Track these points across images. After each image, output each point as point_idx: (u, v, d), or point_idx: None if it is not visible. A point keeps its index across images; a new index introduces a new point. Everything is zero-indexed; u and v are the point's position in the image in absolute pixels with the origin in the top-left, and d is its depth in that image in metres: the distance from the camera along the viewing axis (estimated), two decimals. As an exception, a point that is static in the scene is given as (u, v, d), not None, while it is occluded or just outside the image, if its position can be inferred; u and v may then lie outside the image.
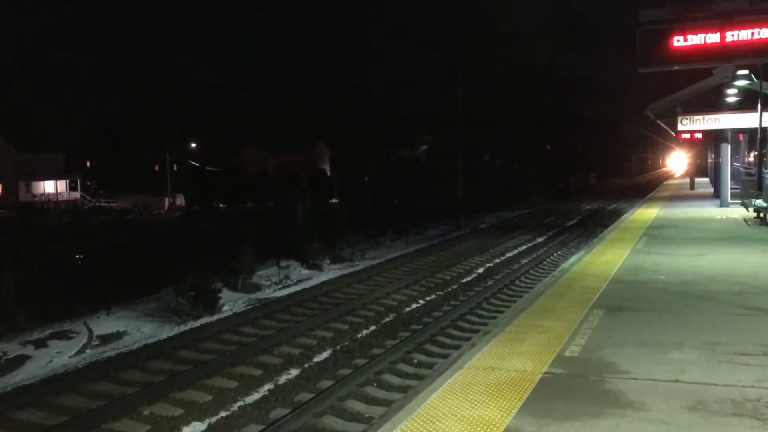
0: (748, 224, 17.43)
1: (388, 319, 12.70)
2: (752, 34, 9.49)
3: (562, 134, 66.45)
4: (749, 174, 24.33)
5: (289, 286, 16.76)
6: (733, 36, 9.54)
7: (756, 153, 23.30)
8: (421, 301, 14.22)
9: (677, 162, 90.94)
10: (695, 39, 9.66)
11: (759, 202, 17.60)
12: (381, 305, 13.70)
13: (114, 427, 7.78)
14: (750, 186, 21.45)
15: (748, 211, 19.23)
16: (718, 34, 9.61)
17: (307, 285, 16.57)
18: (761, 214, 17.23)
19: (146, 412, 8.19)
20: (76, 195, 65.12)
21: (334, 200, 51.25)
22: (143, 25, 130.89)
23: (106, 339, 12.13)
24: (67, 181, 65.75)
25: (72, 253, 20.98)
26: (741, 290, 8.95)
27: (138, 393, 8.67)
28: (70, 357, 11.13)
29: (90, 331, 12.42)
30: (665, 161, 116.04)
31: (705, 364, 5.83)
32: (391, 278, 16.67)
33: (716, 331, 6.89)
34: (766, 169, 21.81)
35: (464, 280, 16.53)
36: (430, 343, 10.73)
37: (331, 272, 18.63)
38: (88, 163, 73.81)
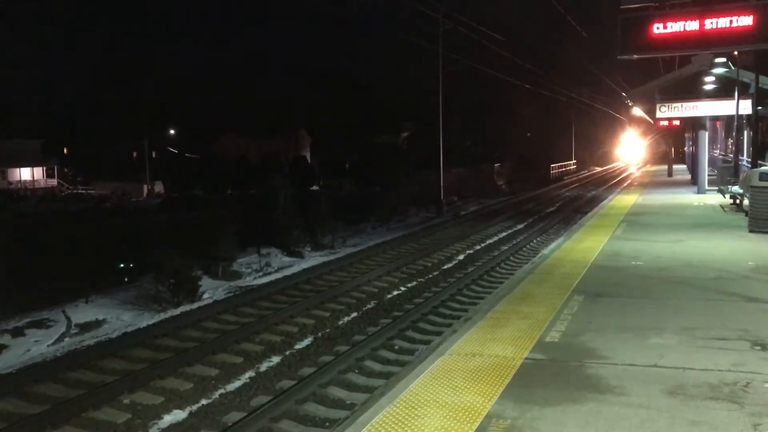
0: (724, 210, 17.65)
1: (369, 306, 12.71)
2: (730, 22, 9.55)
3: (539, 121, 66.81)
4: (726, 161, 24.63)
5: (270, 273, 16.70)
6: (711, 24, 9.60)
7: (732, 140, 23.59)
8: (403, 288, 14.25)
9: (631, 150, 77.72)
10: (675, 26, 9.70)
11: (735, 188, 17.83)
12: (362, 292, 13.70)
13: (94, 416, 7.72)
14: (727, 173, 21.73)
15: (725, 197, 19.49)
16: (698, 21, 9.66)
17: (288, 272, 16.52)
18: (737, 201, 17.45)
19: (126, 401, 8.14)
20: (54, 182, 64.31)
21: (315, 187, 51.06)
22: (120, 9, 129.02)
23: (84, 327, 12.02)
24: (44, 168, 64.89)
25: (51, 241, 20.73)
26: (718, 276, 9.07)
27: (118, 381, 8.60)
28: (48, 346, 11.01)
29: (68, 319, 12.30)
30: (613, 150, 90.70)
31: (683, 349, 5.90)
32: (373, 265, 16.68)
33: (694, 316, 6.98)
34: (742, 156, 22.10)
35: (445, 267, 16.58)
36: (411, 329, 10.76)
37: (313, 259, 18.60)
38: (65, 150, 72.90)
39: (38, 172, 64.35)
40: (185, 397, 8.27)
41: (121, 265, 14.98)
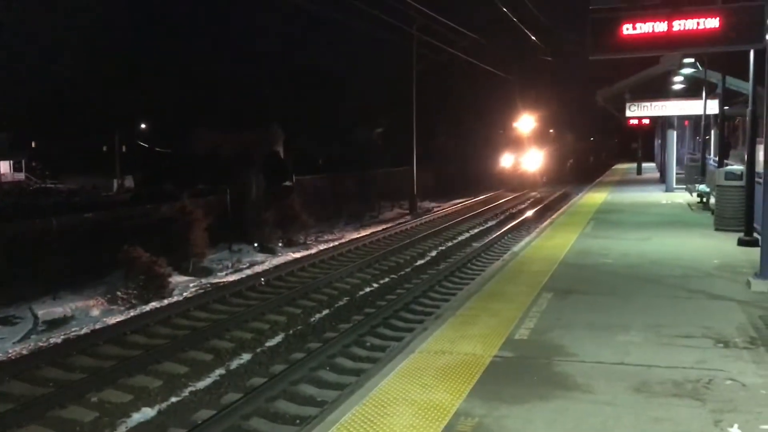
0: (691, 209, 17.97)
1: (341, 303, 12.70)
2: (698, 24, 9.69)
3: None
4: (693, 160, 25.07)
5: (241, 270, 16.60)
6: (679, 25, 9.73)
7: (700, 139, 23.99)
8: (375, 285, 14.26)
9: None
10: (644, 27, 9.81)
11: (702, 187, 18.16)
12: (334, 289, 13.70)
13: (61, 415, 7.62)
14: (694, 171, 22.12)
15: (692, 196, 19.84)
16: (666, 23, 9.78)
17: (259, 269, 16.44)
18: (704, 199, 17.77)
19: (94, 399, 8.04)
20: (21, 176, 63.15)
21: (288, 183, 50.79)
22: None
23: (52, 324, 11.84)
24: (11, 161, 63.69)
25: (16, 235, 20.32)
26: (684, 273, 9.24)
27: (86, 379, 8.50)
28: (14, 343, 10.83)
29: (35, 316, 12.12)
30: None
31: (649, 346, 6.00)
32: (345, 261, 16.68)
33: (660, 313, 7.10)
34: (709, 155, 22.50)
35: (417, 264, 16.63)
36: (383, 326, 10.78)
37: (285, 255, 18.53)
38: (33, 144, 71.58)
39: (5, 166, 63.12)
40: (154, 395, 8.20)
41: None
